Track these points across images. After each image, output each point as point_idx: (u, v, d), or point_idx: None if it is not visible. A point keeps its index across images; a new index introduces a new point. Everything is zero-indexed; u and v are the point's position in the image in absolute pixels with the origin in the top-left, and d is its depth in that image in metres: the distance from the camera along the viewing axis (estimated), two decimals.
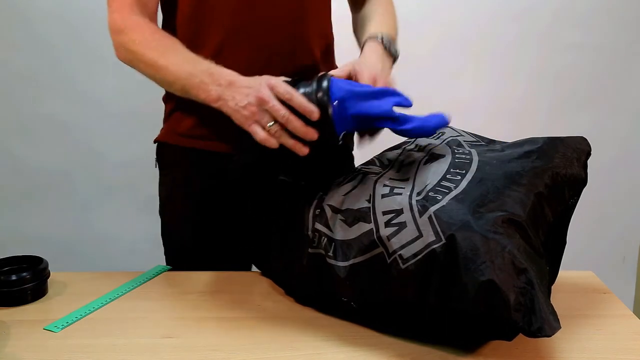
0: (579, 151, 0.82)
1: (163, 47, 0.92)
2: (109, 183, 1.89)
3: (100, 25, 1.75)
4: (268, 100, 0.80)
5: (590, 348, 0.74)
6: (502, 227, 0.69)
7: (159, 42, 0.93)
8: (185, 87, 0.89)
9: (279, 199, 0.91)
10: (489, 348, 0.73)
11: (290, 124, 0.80)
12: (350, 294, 0.77)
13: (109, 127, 1.85)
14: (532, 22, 1.86)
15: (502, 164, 0.79)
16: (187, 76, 0.88)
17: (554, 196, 0.77)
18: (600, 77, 1.92)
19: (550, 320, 0.65)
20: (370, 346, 0.74)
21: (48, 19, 1.77)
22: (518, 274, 0.66)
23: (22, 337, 0.77)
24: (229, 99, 0.84)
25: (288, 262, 0.87)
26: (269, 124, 0.81)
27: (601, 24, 1.88)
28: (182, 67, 0.89)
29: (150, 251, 1.99)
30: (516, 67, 1.90)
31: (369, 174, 0.85)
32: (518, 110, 1.92)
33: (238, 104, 0.83)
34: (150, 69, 0.92)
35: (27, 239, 1.88)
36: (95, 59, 1.80)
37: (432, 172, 0.80)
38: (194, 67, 0.88)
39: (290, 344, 0.75)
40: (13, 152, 1.85)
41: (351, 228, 0.77)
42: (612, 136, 1.94)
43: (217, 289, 0.93)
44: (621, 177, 1.99)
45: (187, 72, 0.88)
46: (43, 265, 0.89)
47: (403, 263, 0.70)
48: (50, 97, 1.82)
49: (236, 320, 0.82)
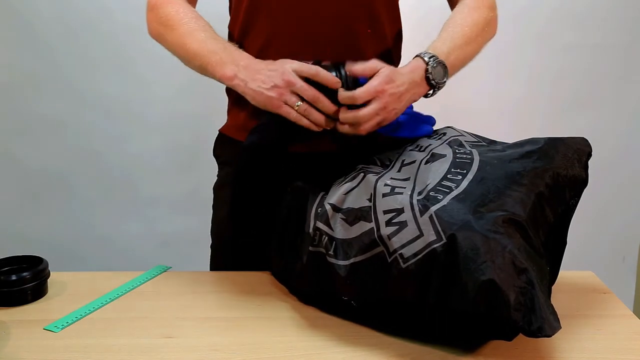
0: (580, 152, 0.82)
1: (190, 26, 0.94)
2: (109, 183, 1.89)
3: (100, 26, 1.77)
4: (295, 82, 0.84)
5: (590, 348, 0.74)
6: (503, 227, 0.69)
7: (188, 20, 0.95)
8: (202, 64, 0.91)
9: (282, 196, 0.91)
10: (489, 348, 0.73)
11: (319, 102, 0.85)
12: (350, 293, 0.77)
13: (109, 127, 1.85)
14: (532, 22, 1.86)
15: (503, 164, 0.79)
16: (206, 53, 0.90)
17: (554, 196, 0.77)
18: (599, 77, 1.92)
19: (550, 320, 0.65)
20: (370, 346, 0.74)
21: (48, 20, 1.77)
22: (518, 274, 0.66)
23: (22, 337, 0.77)
24: (248, 81, 0.86)
25: (289, 259, 0.87)
26: (297, 103, 0.85)
27: (600, 24, 1.88)
28: (204, 44, 0.91)
29: (150, 251, 2.00)
30: (516, 67, 1.90)
31: (370, 173, 0.85)
32: (518, 110, 1.92)
33: (262, 85, 0.85)
34: (175, 45, 0.95)
35: (27, 239, 1.88)
36: (95, 59, 1.80)
37: (433, 172, 0.80)
38: (215, 45, 0.91)
39: (290, 344, 0.75)
40: (13, 152, 1.85)
41: (352, 227, 0.77)
42: (612, 136, 1.94)
43: (217, 289, 0.93)
44: (621, 177, 1.99)
45: (207, 50, 0.91)
46: (43, 265, 0.89)
47: (403, 262, 0.70)
48: (50, 97, 1.82)
49: (236, 320, 0.82)
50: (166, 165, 1.89)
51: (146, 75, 1.78)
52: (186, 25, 0.94)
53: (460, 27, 0.97)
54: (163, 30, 0.97)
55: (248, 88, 0.87)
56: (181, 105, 1.81)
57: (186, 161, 1.85)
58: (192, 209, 1.76)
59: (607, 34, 1.88)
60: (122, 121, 1.85)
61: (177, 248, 1.89)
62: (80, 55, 1.80)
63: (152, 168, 1.89)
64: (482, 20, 1.00)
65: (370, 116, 0.86)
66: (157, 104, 1.84)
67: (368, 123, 0.86)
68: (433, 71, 0.89)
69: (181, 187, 1.88)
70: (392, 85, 0.86)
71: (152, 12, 0.99)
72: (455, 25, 0.98)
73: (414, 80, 0.89)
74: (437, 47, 0.93)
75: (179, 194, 1.89)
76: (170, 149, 1.88)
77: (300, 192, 0.89)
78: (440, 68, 0.90)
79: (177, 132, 1.86)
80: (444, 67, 0.91)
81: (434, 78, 0.90)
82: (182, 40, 0.94)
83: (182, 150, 1.86)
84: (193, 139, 1.82)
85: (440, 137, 0.92)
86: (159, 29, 0.98)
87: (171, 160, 1.88)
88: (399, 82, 0.87)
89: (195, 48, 0.92)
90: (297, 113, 0.85)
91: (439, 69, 0.90)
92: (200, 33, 0.93)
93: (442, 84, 0.91)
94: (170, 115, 1.84)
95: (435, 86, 0.91)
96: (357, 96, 0.85)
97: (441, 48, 0.93)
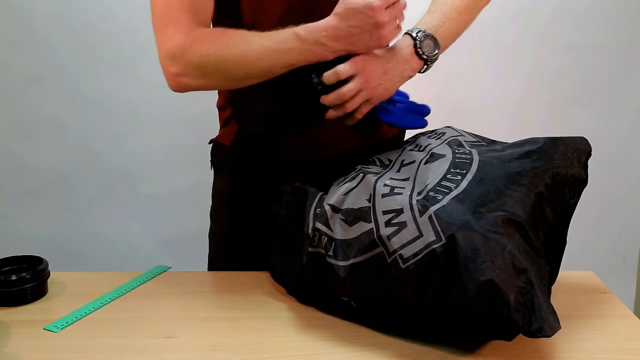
0: (580, 151, 0.82)
1: (242, 40, 0.87)
2: (109, 183, 1.89)
3: (101, 26, 1.77)
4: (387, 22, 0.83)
5: (590, 348, 0.74)
6: (503, 227, 0.69)
7: (233, 37, 0.87)
8: (288, 63, 0.85)
9: (281, 197, 0.91)
10: (489, 348, 0.73)
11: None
12: (350, 293, 0.77)
13: (109, 127, 1.85)
14: (532, 22, 1.86)
15: (502, 164, 0.79)
16: (287, 53, 0.84)
17: (554, 196, 0.77)
18: (599, 77, 1.92)
19: (550, 320, 0.65)
20: (370, 346, 0.74)
21: (49, 20, 1.77)
22: (518, 274, 0.66)
23: (22, 337, 0.77)
24: (349, 43, 0.83)
25: (288, 260, 0.87)
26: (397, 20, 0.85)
27: (601, 24, 1.88)
28: (272, 46, 0.85)
29: (151, 251, 2.00)
30: (516, 67, 1.90)
31: (369, 173, 0.85)
32: (518, 110, 1.92)
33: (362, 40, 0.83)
34: (238, 66, 0.87)
35: (27, 239, 1.88)
36: (96, 59, 1.80)
37: (433, 172, 0.80)
38: (283, 41, 0.84)
39: (290, 344, 0.75)
40: (13, 152, 1.85)
41: (351, 227, 0.77)
42: (612, 136, 1.94)
43: (217, 289, 0.93)
44: (621, 177, 1.99)
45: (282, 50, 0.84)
46: (43, 265, 0.89)
47: (403, 263, 0.70)
48: (50, 97, 1.82)
49: (236, 320, 0.82)
50: (166, 165, 1.89)
51: (146, 75, 1.78)
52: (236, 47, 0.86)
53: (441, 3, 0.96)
54: (211, 68, 0.87)
55: (357, 43, 0.84)
56: (181, 105, 1.81)
57: (186, 161, 1.85)
58: (192, 209, 1.76)
59: (608, 34, 1.88)
60: (122, 121, 1.85)
61: (177, 248, 1.89)
62: (81, 54, 1.80)
63: (152, 168, 1.89)
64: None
65: (353, 91, 0.84)
66: (157, 104, 1.84)
67: (353, 100, 0.85)
68: (422, 45, 0.88)
69: (181, 187, 1.88)
70: (374, 58, 0.85)
71: (186, 56, 0.87)
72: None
73: (402, 55, 0.88)
74: (426, 22, 0.92)
75: (179, 194, 1.89)
76: (170, 149, 1.87)
77: (299, 193, 0.89)
78: (430, 41, 0.89)
79: (177, 132, 1.86)
80: (434, 40, 0.90)
81: (424, 52, 0.89)
82: (245, 59, 0.86)
83: (182, 150, 1.86)
84: (193, 139, 1.82)
85: (440, 136, 0.92)
86: (201, 70, 0.87)
87: (171, 160, 1.88)
88: (382, 56, 0.86)
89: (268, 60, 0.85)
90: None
91: (427, 42, 0.89)
92: (256, 41, 0.86)
93: (433, 56, 0.90)
94: (170, 115, 1.84)
95: (427, 60, 0.90)
96: (339, 70, 0.84)
97: (430, 22, 0.92)
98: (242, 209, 1.05)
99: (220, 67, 0.87)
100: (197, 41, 0.87)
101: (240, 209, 1.06)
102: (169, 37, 0.88)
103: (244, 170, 1.05)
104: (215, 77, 0.89)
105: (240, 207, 1.06)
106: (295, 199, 0.89)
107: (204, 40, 0.87)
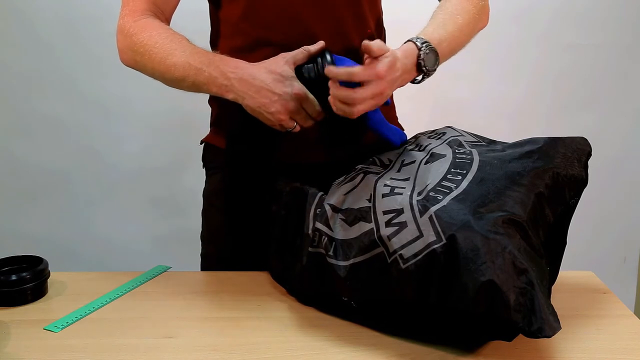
0: (580, 151, 0.82)
1: (170, 45, 0.90)
2: (109, 183, 1.89)
3: (101, 26, 1.77)
4: (299, 111, 0.87)
5: (590, 348, 0.74)
6: (503, 228, 0.69)
7: (166, 41, 0.91)
8: (195, 83, 0.89)
9: (280, 197, 0.91)
10: (489, 348, 0.73)
11: (320, 115, 0.88)
12: (350, 293, 0.77)
13: (109, 127, 1.85)
14: (533, 22, 1.86)
15: (502, 164, 0.79)
16: (195, 72, 0.88)
17: (554, 196, 0.77)
18: (600, 77, 1.92)
19: (550, 320, 0.65)
20: (370, 346, 0.74)
21: (48, 19, 1.77)
22: (518, 275, 0.66)
23: (22, 337, 0.77)
24: (245, 97, 0.86)
25: (288, 261, 0.87)
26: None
27: (601, 24, 1.88)
28: (190, 62, 0.88)
29: (150, 251, 2.00)
30: (516, 67, 1.90)
31: (370, 173, 0.85)
32: (518, 110, 1.92)
33: (269, 110, 0.86)
34: (159, 69, 0.91)
35: (27, 239, 1.88)
36: (96, 59, 1.80)
37: (433, 172, 0.80)
38: (199, 62, 0.88)
39: (290, 344, 0.75)
40: (13, 152, 1.85)
41: (351, 227, 0.77)
42: (612, 136, 1.94)
43: (217, 289, 0.93)
44: (621, 178, 1.99)
45: (195, 68, 0.88)
46: (43, 265, 0.89)
47: (403, 263, 0.70)
48: (50, 97, 1.82)
49: (236, 320, 0.82)
50: (166, 165, 1.89)
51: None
52: (163, 50, 0.90)
53: (451, 15, 0.93)
54: (140, 58, 0.93)
55: (247, 106, 0.87)
56: (181, 105, 1.81)
57: (186, 161, 1.85)
58: (192, 209, 1.75)
59: (609, 34, 1.88)
60: (122, 121, 1.85)
61: (176, 248, 1.89)
62: (81, 54, 1.80)
63: (151, 168, 1.89)
64: (473, 8, 0.97)
65: (365, 99, 0.79)
66: (157, 104, 1.84)
67: (362, 105, 0.80)
68: (425, 57, 0.85)
69: (181, 186, 1.88)
70: (392, 72, 0.80)
71: (127, 40, 0.94)
72: (446, 13, 0.94)
73: (406, 65, 0.84)
74: (429, 33, 0.89)
75: (179, 194, 1.89)
76: (169, 149, 1.88)
77: (298, 193, 0.89)
78: (432, 55, 0.86)
79: (177, 132, 1.86)
80: (436, 54, 0.87)
81: (426, 65, 0.86)
82: (165, 64, 0.90)
83: (182, 150, 1.85)
84: (193, 139, 1.82)
85: (440, 136, 0.92)
86: (134, 57, 0.94)
87: (171, 160, 1.88)
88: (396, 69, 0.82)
89: (181, 69, 0.89)
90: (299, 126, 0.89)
91: (431, 55, 0.86)
92: (180, 53, 0.89)
93: (432, 71, 0.87)
94: (169, 115, 1.84)
95: (425, 73, 0.87)
96: (355, 73, 0.79)
97: (433, 35, 0.89)
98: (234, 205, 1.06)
99: (146, 63, 0.93)
100: (140, 30, 0.93)
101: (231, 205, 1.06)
102: (123, 15, 0.96)
103: (235, 167, 1.05)
104: (143, 68, 0.94)
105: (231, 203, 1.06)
106: (294, 200, 0.89)
107: (144, 31, 0.93)
